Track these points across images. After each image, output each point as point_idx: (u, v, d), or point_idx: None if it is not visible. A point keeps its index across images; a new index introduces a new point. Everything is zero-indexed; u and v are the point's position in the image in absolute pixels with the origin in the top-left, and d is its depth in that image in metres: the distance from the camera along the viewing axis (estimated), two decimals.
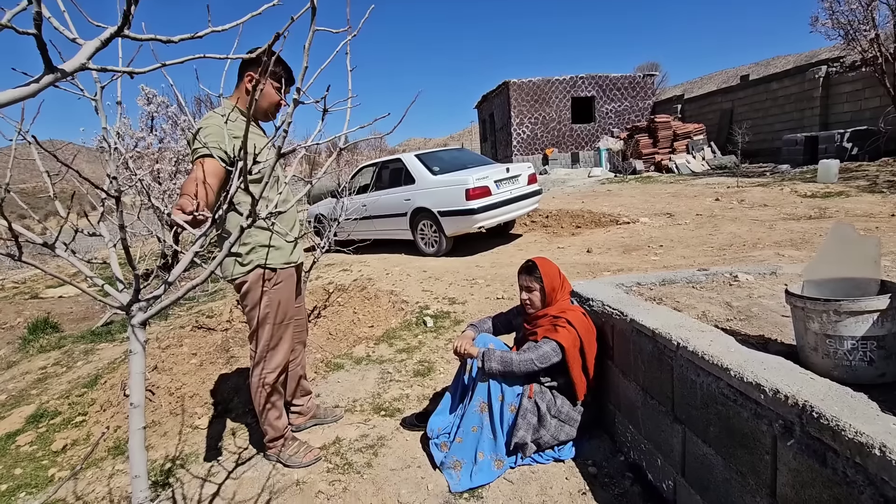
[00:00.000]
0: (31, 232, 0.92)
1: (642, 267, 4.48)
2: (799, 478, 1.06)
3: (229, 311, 4.20)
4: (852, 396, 1.04)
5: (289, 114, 0.79)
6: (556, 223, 7.44)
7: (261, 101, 1.99)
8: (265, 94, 1.98)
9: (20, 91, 0.58)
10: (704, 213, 6.90)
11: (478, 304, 3.97)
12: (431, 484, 1.92)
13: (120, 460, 2.42)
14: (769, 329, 1.60)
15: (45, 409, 3.13)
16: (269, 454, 2.18)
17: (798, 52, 30.22)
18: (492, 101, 21.47)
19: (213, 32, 0.78)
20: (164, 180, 6.73)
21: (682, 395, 1.50)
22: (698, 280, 2.31)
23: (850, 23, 9.61)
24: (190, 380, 3.08)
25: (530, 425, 1.95)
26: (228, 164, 1.75)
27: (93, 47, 0.65)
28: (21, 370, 4.05)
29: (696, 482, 1.47)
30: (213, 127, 1.81)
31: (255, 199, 0.84)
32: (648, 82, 19.41)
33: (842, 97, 11.87)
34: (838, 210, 6.02)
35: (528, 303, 2.14)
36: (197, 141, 1.78)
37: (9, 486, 2.35)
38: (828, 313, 1.17)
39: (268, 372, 2.07)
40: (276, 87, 1.98)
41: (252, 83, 1.72)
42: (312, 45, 0.84)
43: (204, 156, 1.76)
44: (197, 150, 1.78)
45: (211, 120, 1.84)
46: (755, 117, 14.32)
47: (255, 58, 1.82)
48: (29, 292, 7.88)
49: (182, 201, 1.60)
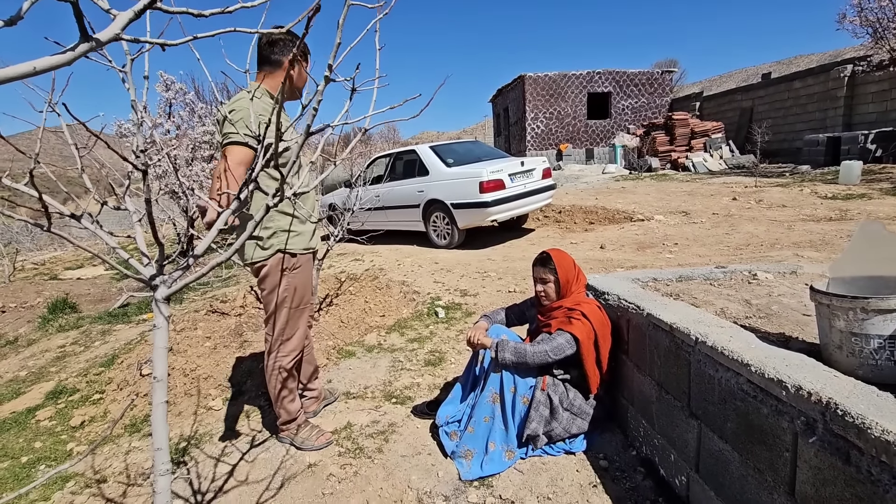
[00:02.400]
0: (64, 207, 0.94)
1: (656, 264, 4.44)
2: (820, 475, 1.04)
3: (243, 297, 4.24)
4: (878, 395, 1.02)
5: (319, 91, 0.79)
6: (569, 219, 7.38)
7: (297, 82, 1.98)
8: (300, 74, 1.97)
9: (57, 58, 0.59)
10: (721, 212, 6.80)
11: (489, 297, 3.96)
12: (442, 471, 1.93)
13: (136, 437, 2.47)
14: (790, 327, 1.58)
15: (64, 386, 3.20)
16: (283, 437, 2.21)
17: (822, 52, 29.53)
18: (506, 94, 21.31)
19: (243, 8, 0.78)
20: (181, 167, 6.81)
21: (698, 391, 1.48)
22: (716, 277, 2.28)
23: (879, 20, 9.35)
24: (204, 362, 3.13)
25: (542, 417, 1.95)
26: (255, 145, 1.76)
27: (126, 18, 0.65)
28: (41, 348, 4.15)
29: (710, 478, 1.46)
30: (242, 110, 1.81)
31: (284, 177, 0.84)
32: (666, 79, 19.10)
33: (867, 97, 11.57)
34: (860, 212, 5.88)
35: (543, 294, 2.13)
36: (227, 124, 1.80)
37: (29, 459, 2.42)
38: (855, 311, 1.15)
39: (283, 356, 2.08)
40: (304, 66, 1.99)
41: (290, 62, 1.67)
42: (335, 25, 0.83)
43: (232, 143, 1.79)
44: (227, 136, 1.81)
45: (239, 103, 1.84)
46: (776, 116, 14.04)
47: (278, 39, 1.85)
48: (48, 273, 8.04)
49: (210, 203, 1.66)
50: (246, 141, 1.78)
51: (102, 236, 0.96)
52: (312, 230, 2.09)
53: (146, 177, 0.87)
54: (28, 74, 0.57)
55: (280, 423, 2.19)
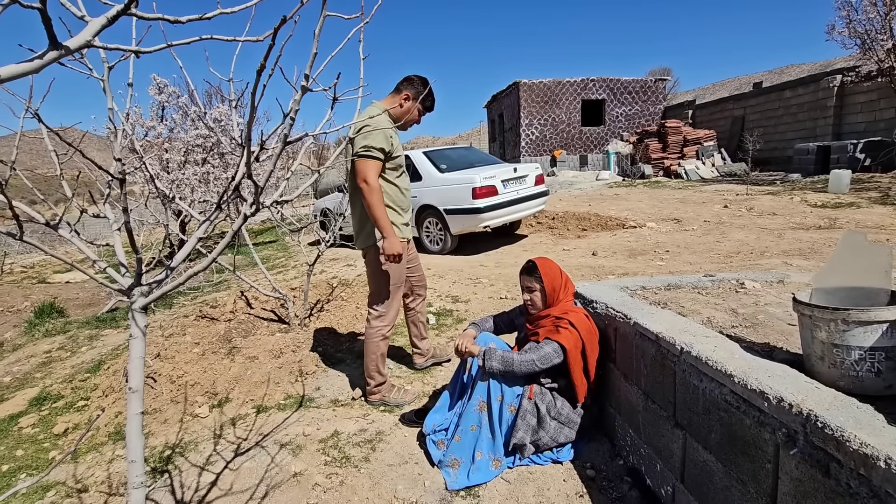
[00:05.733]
0: (39, 215, 0.92)
1: (648, 271, 4.45)
2: (801, 487, 1.04)
3: (233, 302, 4.21)
4: (858, 407, 1.02)
5: (296, 101, 0.79)
6: (562, 225, 7.41)
7: (407, 117, 2.49)
8: (412, 113, 2.50)
9: (23, 66, 0.58)
10: (712, 219, 6.85)
11: (480, 304, 3.96)
12: (428, 481, 1.91)
13: (120, 445, 2.43)
14: (775, 337, 1.58)
15: (49, 393, 3.15)
16: (373, 399, 2.55)
17: (812, 61, 29.95)
18: (501, 101, 21.41)
19: (222, 14, 0.77)
20: (173, 170, 6.77)
21: (683, 401, 1.48)
22: (704, 286, 2.29)
23: (868, 32, 9.50)
24: (192, 368, 3.10)
25: (529, 426, 1.94)
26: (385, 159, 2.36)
27: (99, 24, 0.65)
28: (26, 353, 4.09)
29: (695, 489, 1.45)
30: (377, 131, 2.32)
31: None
32: (660, 87, 19.28)
33: (856, 107, 11.74)
34: (849, 221, 5.95)
35: (530, 303, 2.12)
36: (364, 139, 2.28)
37: (10, 468, 2.37)
38: (836, 322, 1.15)
39: (385, 325, 2.52)
40: (420, 111, 2.53)
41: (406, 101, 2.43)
42: (322, 33, 0.83)
43: (366, 157, 2.28)
44: (366, 148, 2.27)
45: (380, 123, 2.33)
46: (767, 125, 14.19)
47: (413, 80, 2.46)
48: (37, 277, 7.95)
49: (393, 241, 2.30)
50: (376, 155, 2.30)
51: (81, 247, 0.94)
52: (405, 223, 2.52)
53: (123, 185, 0.86)
54: None
55: (372, 387, 2.55)
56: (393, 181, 2.47)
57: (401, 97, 2.45)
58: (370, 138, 2.26)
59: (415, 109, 2.48)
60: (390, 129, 2.36)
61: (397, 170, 2.49)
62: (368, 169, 2.28)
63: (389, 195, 2.44)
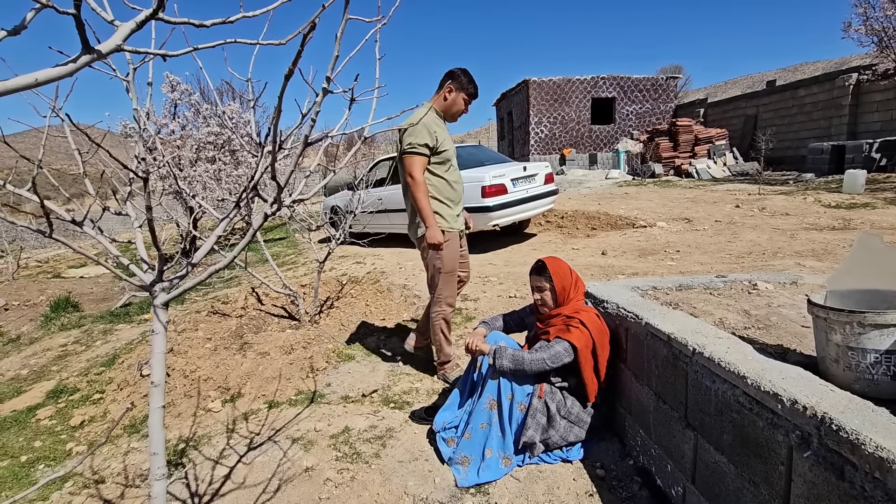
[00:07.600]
0: (66, 212, 0.95)
1: (658, 271, 4.43)
2: (814, 490, 1.04)
3: (244, 298, 4.26)
4: (873, 410, 1.02)
5: (317, 102, 0.80)
6: (571, 224, 7.38)
7: (454, 108, 2.58)
8: (457, 103, 2.57)
9: (59, 70, 0.60)
10: (724, 219, 6.79)
11: (490, 302, 3.96)
12: (438, 477, 1.93)
13: (135, 438, 2.48)
14: (788, 339, 1.57)
15: (65, 386, 3.22)
16: (440, 375, 2.76)
17: (827, 59, 29.48)
18: (511, 99, 21.34)
19: (244, 18, 0.79)
20: (185, 167, 6.84)
21: (695, 402, 1.48)
22: (716, 286, 2.28)
23: (885, 29, 9.35)
24: (204, 363, 3.14)
25: (539, 425, 1.95)
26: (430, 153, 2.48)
27: (128, 29, 0.66)
28: (42, 346, 4.17)
29: (706, 490, 1.45)
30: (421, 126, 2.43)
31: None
32: (671, 85, 19.10)
33: (872, 106, 11.54)
34: (863, 222, 5.86)
35: (541, 302, 2.13)
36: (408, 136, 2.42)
37: (28, 458, 2.43)
38: (851, 325, 1.15)
39: (446, 306, 2.65)
40: (465, 100, 2.58)
41: (450, 93, 2.53)
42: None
43: (411, 153, 2.41)
44: (411, 145, 2.42)
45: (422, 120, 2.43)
46: (780, 124, 14.01)
47: (454, 73, 2.54)
48: (52, 271, 8.08)
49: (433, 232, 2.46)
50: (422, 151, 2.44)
51: (104, 243, 0.97)
52: (456, 215, 2.64)
53: (147, 183, 0.88)
54: (30, 86, 0.58)
55: (439, 363, 2.75)
56: (441, 175, 2.56)
57: (445, 91, 2.56)
58: (414, 135, 2.40)
59: (460, 99, 2.56)
60: (434, 125, 2.47)
61: (445, 164, 2.58)
62: (414, 164, 2.42)
63: (438, 188, 2.55)
